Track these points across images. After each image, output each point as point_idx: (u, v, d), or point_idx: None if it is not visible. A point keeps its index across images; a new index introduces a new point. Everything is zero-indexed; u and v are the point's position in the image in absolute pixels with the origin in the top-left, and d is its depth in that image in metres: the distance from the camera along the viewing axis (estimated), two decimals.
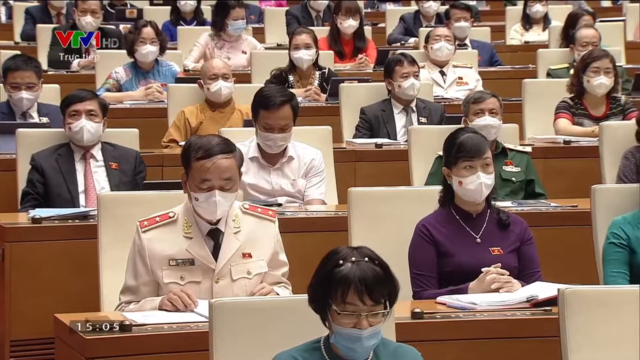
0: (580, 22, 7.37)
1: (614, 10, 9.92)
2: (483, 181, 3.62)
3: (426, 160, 4.92)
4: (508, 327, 3.25)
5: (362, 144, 5.70)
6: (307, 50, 6.52)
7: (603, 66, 5.54)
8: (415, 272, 3.62)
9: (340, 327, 2.56)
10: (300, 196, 4.68)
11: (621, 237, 3.75)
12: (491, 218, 3.67)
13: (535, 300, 3.33)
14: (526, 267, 3.63)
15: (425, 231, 3.64)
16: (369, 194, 4.03)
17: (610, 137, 4.99)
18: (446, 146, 3.77)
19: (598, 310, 2.91)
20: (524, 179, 4.87)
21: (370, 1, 10.53)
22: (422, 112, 5.86)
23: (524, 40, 8.52)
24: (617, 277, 3.71)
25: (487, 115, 4.89)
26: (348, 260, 2.58)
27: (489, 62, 7.73)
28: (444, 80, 6.87)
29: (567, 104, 5.68)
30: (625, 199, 3.93)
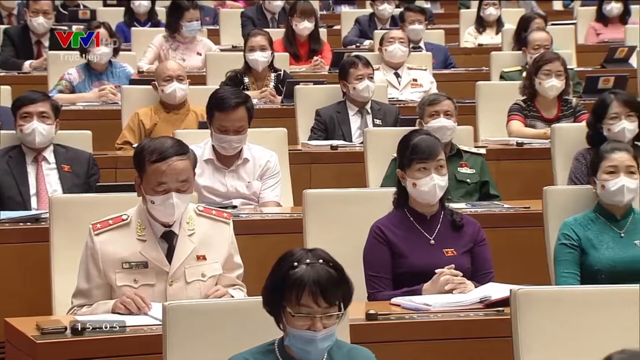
0: (532, 26, 7.45)
1: (566, 14, 10.04)
2: (437, 183, 3.64)
3: (381, 162, 4.94)
4: (461, 327, 3.28)
5: (317, 145, 5.71)
6: (262, 52, 6.52)
7: (554, 69, 5.60)
8: (370, 273, 3.63)
9: (295, 329, 2.56)
10: (255, 198, 4.67)
11: (572, 238, 3.80)
12: (445, 219, 3.70)
13: (488, 301, 3.36)
14: (479, 268, 3.66)
15: (380, 233, 3.65)
16: (324, 196, 4.04)
17: (561, 139, 5.05)
18: (400, 148, 3.79)
19: (549, 310, 2.94)
20: (478, 181, 4.90)
21: (325, 3, 10.55)
22: (377, 114, 5.88)
23: (478, 43, 8.59)
24: (568, 278, 3.76)
25: (442, 117, 4.93)
26: (302, 262, 2.58)
27: (443, 64, 7.78)
28: (399, 82, 6.90)
29: (519, 106, 5.73)
30: (577, 200, 3.98)
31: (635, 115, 4.67)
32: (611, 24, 8.55)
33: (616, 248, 3.77)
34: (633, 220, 3.83)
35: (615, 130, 4.65)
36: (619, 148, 3.90)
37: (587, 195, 3.94)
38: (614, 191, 3.80)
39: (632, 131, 4.66)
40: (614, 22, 8.54)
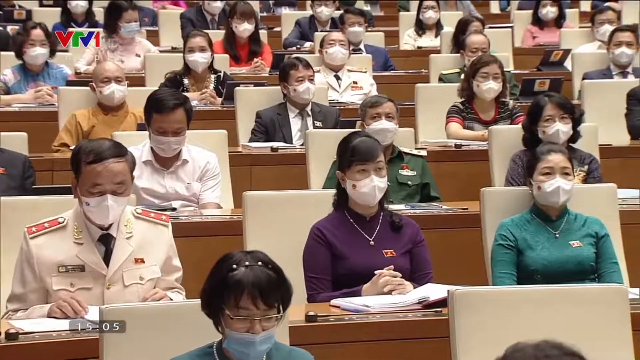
0: (470, 29, 7.53)
1: (503, 17, 10.17)
2: (376, 184, 3.66)
3: (322, 163, 4.95)
4: (400, 328, 3.30)
5: (257, 147, 5.70)
6: (202, 53, 6.48)
7: (492, 71, 5.66)
8: (310, 275, 3.64)
9: (233, 332, 2.55)
10: (195, 200, 4.65)
11: (509, 239, 3.85)
12: (384, 221, 3.72)
13: (426, 302, 3.39)
14: (418, 269, 3.69)
15: (320, 234, 3.66)
16: (264, 197, 4.03)
17: (498, 141, 5.10)
18: (340, 150, 3.80)
19: (487, 310, 2.97)
20: (419, 183, 4.94)
21: (266, 5, 10.54)
22: (318, 115, 5.89)
23: (417, 46, 8.65)
24: (505, 278, 3.80)
25: (383, 119, 4.95)
26: (241, 264, 2.57)
27: (383, 66, 7.82)
28: (339, 85, 6.92)
29: (457, 109, 5.78)
30: (513, 201, 4.03)
31: (569, 118, 4.74)
32: (547, 28, 8.68)
33: (551, 248, 3.83)
34: (568, 221, 3.89)
35: (549, 133, 4.72)
36: (555, 150, 3.96)
37: (523, 196, 3.99)
38: (549, 192, 3.86)
39: (566, 133, 4.73)
40: (550, 25, 8.68)
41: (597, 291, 3.13)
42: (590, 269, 3.81)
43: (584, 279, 3.79)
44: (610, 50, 6.78)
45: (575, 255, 3.81)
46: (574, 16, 9.23)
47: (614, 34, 6.83)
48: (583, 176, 4.77)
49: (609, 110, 5.92)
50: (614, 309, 3.00)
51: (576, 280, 3.73)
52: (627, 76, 6.69)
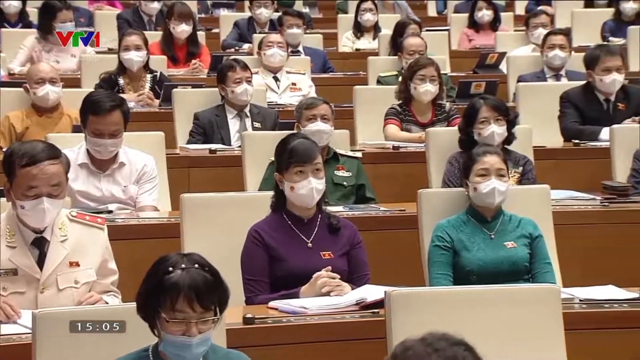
0: (407, 31, 7.59)
1: (440, 20, 10.26)
2: (314, 186, 3.67)
3: (260, 165, 4.94)
4: (338, 330, 3.31)
5: (195, 149, 5.67)
6: (137, 51, 6.43)
7: (428, 74, 5.71)
8: (248, 277, 3.63)
9: (169, 335, 2.54)
10: (132, 203, 4.60)
11: (445, 240, 3.88)
12: (322, 222, 3.73)
13: (364, 303, 3.40)
14: (356, 270, 3.70)
15: (257, 236, 3.66)
16: (202, 199, 4.02)
17: (435, 143, 5.15)
18: (278, 152, 3.80)
19: (423, 311, 2.99)
20: (355, 184, 4.96)
21: (204, 6, 10.49)
22: (256, 117, 5.88)
23: (355, 48, 8.69)
24: (442, 279, 3.84)
25: (319, 120, 4.96)
26: (178, 267, 2.56)
27: (321, 68, 7.84)
28: (278, 86, 6.92)
29: (395, 110, 5.82)
30: (450, 202, 4.07)
31: (504, 120, 4.80)
32: (482, 31, 8.78)
33: (487, 249, 3.88)
34: (503, 222, 3.94)
35: (485, 134, 4.78)
36: (490, 151, 4.01)
37: (460, 197, 4.03)
38: (485, 193, 3.91)
39: (501, 135, 4.79)
40: (485, 28, 8.78)
41: (530, 291, 3.18)
42: (525, 269, 3.87)
43: (519, 279, 3.84)
44: (544, 53, 6.89)
45: (509, 255, 3.86)
46: (509, 20, 9.36)
47: (548, 37, 6.94)
48: (518, 177, 4.83)
49: (542, 112, 6.01)
50: (547, 308, 3.05)
51: (511, 280, 3.78)
52: (561, 79, 6.80)
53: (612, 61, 5.74)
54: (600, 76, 5.75)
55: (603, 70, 5.74)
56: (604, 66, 5.74)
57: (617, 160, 5.14)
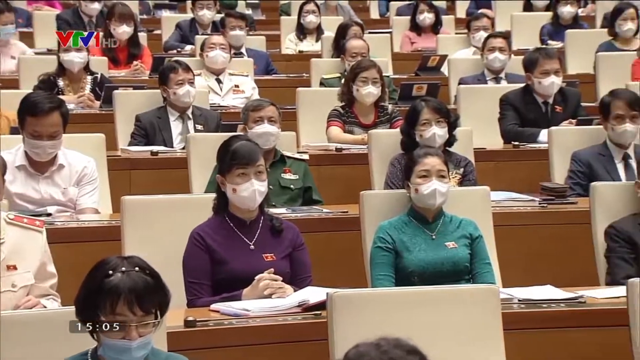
0: (350, 33, 7.62)
1: (382, 23, 10.31)
2: (257, 188, 3.66)
3: (204, 167, 4.92)
4: (280, 332, 3.31)
5: (137, 151, 5.62)
6: (77, 52, 6.36)
7: (371, 76, 5.74)
8: (190, 280, 3.61)
9: (109, 339, 2.51)
10: (72, 205, 4.55)
11: (387, 241, 3.91)
12: (264, 225, 3.72)
13: (306, 305, 3.41)
14: (298, 272, 3.71)
15: (199, 239, 3.64)
16: (143, 202, 3.99)
17: (378, 145, 5.18)
18: (220, 154, 3.79)
19: (365, 312, 3.01)
20: (301, 186, 4.96)
21: (145, 7, 10.41)
22: (199, 119, 5.86)
23: (298, 50, 8.70)
24: (384, 280, 3.86)
25: (266, 123, 4.95)
26: (118, 270, 2.54)
27: (264, 70, 7.83)
28: (221, 88, 6.89)
29: (338, 113, 5.84)
30: (392, 204, 4.09)
31: (445, 122, 4.85)
32: (424, 33, 8.85)
33: (428, 250, 3.91)
34: (443, 223, 3.97)
35: (426, 136, 4.82)
36: (431, 153, 4.04)
37: (401, 199, 4.06)
38: (426, 195, 3.94)
39: (442, 137, 4.83)
40: (427, 31, 8.85)
41: (470, 292, 3.21)
42: (465, 269, 3.91)
43: (459, 279, 3.87)
44: (484, 55, 6.97)
45: (450, 256, 3.89)
46: (450, 22, 9.44)
47: (488, 40, 7.02)
48: (459, 179, 4.88)
49: (483, 114, 6.08)
50: (486, 308, 3.09)
51: (452, 281, 3.81)
52: (500, 81, 6.89)
53: (550, 64, 5.83)
54: (539, 79, 5.83)
55: (541, 73, 5.82)
56: (543, 69, 5.82)
57: (555, 162, 5.22)
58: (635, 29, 7.59)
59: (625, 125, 4.93)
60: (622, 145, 5.00)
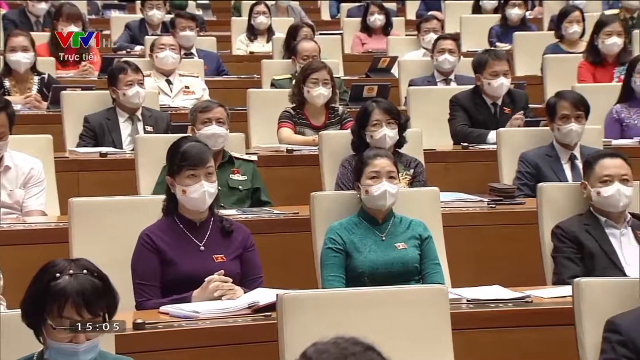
0: (300, 35, 7.63)
1: (333, 24, 10.34)
2: (206, 190, 3.65)
3: (153, 169, 4.89)
4: (230, 333, 3.30)
5: (85, 153, 5.57)
6: (24, 52, 6.29)
7: (321, 77, 5.75)
8: (138, 282, 3.59)
9: (56, 342, 2.49)
10: (18, 207, 4.50)
11: (337, 242, 3.92)
12: (214, 226, 3.71)
13: (256, 306, 3.40)
14: (248, 274, 3.70)
15: (149, 240, 3.62)
16: (91, 204, 3.95)
17: (329, 146, 5.19)
18: (169, 155, 3.77)
19: (315, 313, 3.01)
20: (250, 187, 4.95)
21: (94, 7, 10.31)
22: (148, 120, 5.82)
23: (249, 51, 8.68)
24: (334, 281, 3.87)
25: (214, 124, 4.93)
26: (65, 273, 2.52)
27: (215, 71, 7.80)
28: (171, 89, 6.85)
29: (289, 114, 5.84)
30: (343, 205, 4.10)
31: (395, 123, 4.88)
32: (375, 35, 8.89)
33: (378, 251, 3.92)
34: (393, 224, 3.99)
35: (377, 137, 4.84)
36: (381, 154, 4.06)
37: (352, 200, 4.07)
38: (376, 196, 3.95)
39: (392, 138, 4.86)
40: (378, 33, 8.89)
41: (420, 292, 3.24)
42: (415, 270, 3.93)
43: (409, 280, 3.90)
44: (434, 57, 7.02)
45: (400, 257, 3.91)
46: (401, 24, 9.49)
47: (437, 42, 7.07)
48: (409, 180, 4.91)
49: (433, 116, 6.12)
50: (435, 309, 3.11)
51: (402, 281, 3.84)
52: (450, 83, 6.94)
53: (499, 65, 5.89)
54: (488, 80, 5.89)
55: (491, 74, 5.88)
56: (492, 70, 5.88)
57: (503, 163, 5.28)
58: (581, 32, 7.70)
59: (571, 125, 5.01)
60: (568, 145, 5.07)
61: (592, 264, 3.91)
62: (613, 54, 6.94)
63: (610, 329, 2.95)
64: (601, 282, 3.22)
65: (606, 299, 3.10)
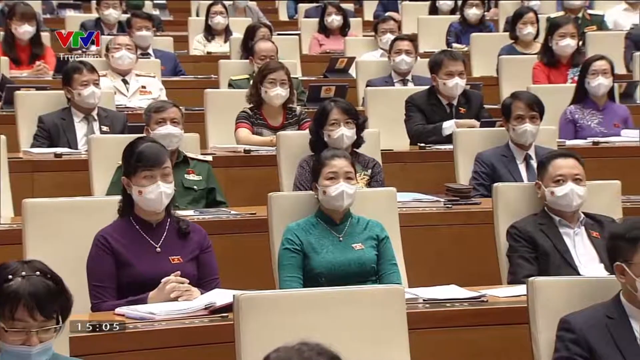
0: (258, 35, 7.61)
1: (291, 24, 10.34)
2: (163, 190, 3.63)
3: (108, 169, 4.86)
4: (186, 335, 3.29)
5: (40, 153, 5.51)
6: None
7: (279, 78, 5.75)
8: (94, 283, 3.57)
9: (8, 345, 2.47)
10: None
11: (295, 243, 3.92)
12: (171, 227, 3.69)
13: (213, 307, 3.39)
14: (205, 275, 3.69)
15: (104, 241, 3.59)
16: (46, 205, 3.91)
17: (286, 147, 5.18)
18: (125, 156, 3.75)
19: (272, 314, 3.01)
20: (205, 188, 4.94)
21: (49, 7, 10.20)
22: (104, 121, 5.78)
23: (207, 51, 8.65)
24: (291, 282, 3.87)
25: (169, 124, 4.91)
26: (18, 275, 2.49)
27: (172, 71, 7.76)
28: (127, 89, 6.81)
29: (246, 114, 5.83)
30: (300, 205, 4.10)
31: (353, 123, 4.89)
32: (332, 36, 8.90)
33: (335, 251, 3.93)
34: (351, 224, 4.00)
35: (334, 137, 4.85)
36: (338, 155, 4.06)
37: (310, 200, 4.07)
38: (334, 196, 3.96)
39: (350, 137, 4.87)
40: (335, 33, 8.90)
41: (376, 292, 3.24)
42: (372, 270, 3.94)
43: (366, 280, 3.91)
44: (391, 58, 7.04)
45: (357, 257, 3.92)
46: (358, 25, 9.51)
47: (394, 43, 7.10)
48: (367, 180, 4.93)
49: (390, 116, 6.14)
50: (392, 308, 3.12)
51: (359, 281, 3.85)
52: (407, 84, 6.97)
53: (454, 66, 5.93)
54: (444, 80, 5.93)
55: (446, 74, 5.92)
56: (447, 70, 5.92)
57: (459, 163, 5.31)
58: (535, 33, 7.78)
59: (525, 125, 5.06)
60: (523, 145, 5.12)
61: (547, 263, 3.95)
62: (567, 56, 7.02)
63: (564, 328, 2.99)
64: (555, 281, 3.26)
65: (560, 297, 3.13)
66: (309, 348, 1.85)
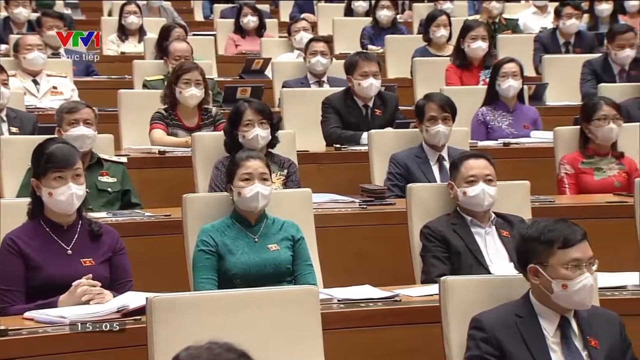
0: (173, 35, 7.55)
1: (206, 25, 10.28)
2: (74, 192, 3.58)
3: (18, 171, 4.76)
4: (98, 338, 3.24)
5: None
6: None
7: (193, 78, 5.72)
8: (2, 287, 3.50)
9: None
10: None
11: (210, 244, 3.90)
12: (83, 229, 3.64)
13: (125, 310, 3.35)
14: (118, 277, 3.64)
15: (12, 244, 3.53)
16: None
17: (202, 147, 5.15)
18: (35, 157, 3.68)
19: (186, 316, 2.99)
20: (120, 190, 4.88)
21: None
22: (14, 121, 5.67)
23: (120, 51, 8.54)
24: (206, 283, 3.85)
25: (81, 125, 4.84)
26: None
27: (84, 71, 7.64)
28: (38, 90, 6.68)
29: (161, 115, 5.78)
30: (216, 207, 4.08)
31: (268, 123, 4.89)
32: (249, 36, 8.88)
33: (251, 253, 3.92)
34: (266, 225, 3.99)
35: (249, 137, 4.85)
36: (253, 156, 4.06)
37: (225, 202, 4.06)
38: (249, 198, 3.95)
39: (264, 138, 4.87)
40: (252, 34, 8.89)
41: (291, 293, 3.24)
42: (287, 271, 3.94)
43: (282, 281, 3.91)
44: (307, 59, 7.06)
45: (272, 258, 3.92)
46: (274, 26, 9.51)
47: (310, 44, 7.12)
48: (283, 180, 4.93)
49: (306, 117, 6.16)
50: (306, 309, 3.12)
51: (274, 282, 3.85)
52: (323, 85, 7.00)
53: (369, 66, 5.98)
54: (359, 81, 5.97)
55: (361, 75, 5.97)
56: (362, 71, 5.97)
57: (375, 164, 5.36)
58: (448, 35, 7.89)
59: (438, 126, 5.13)
60: (436, 146, 5.19)
61: (459, 262, 4.01)
62: (478, 58, 7.14)
63: (475, 326, 3.03)
64: (467, 280, 3.30)
65: (471, 296, 3.18)
66: (218, 346, 1.87)
